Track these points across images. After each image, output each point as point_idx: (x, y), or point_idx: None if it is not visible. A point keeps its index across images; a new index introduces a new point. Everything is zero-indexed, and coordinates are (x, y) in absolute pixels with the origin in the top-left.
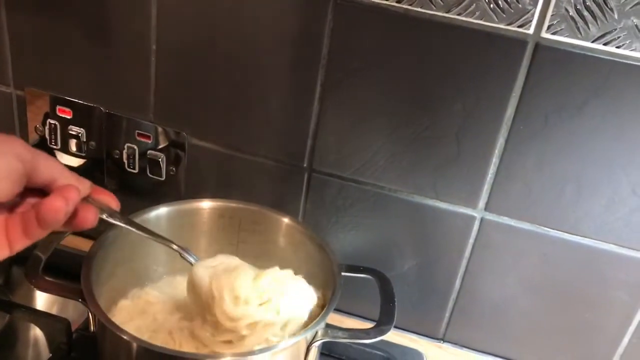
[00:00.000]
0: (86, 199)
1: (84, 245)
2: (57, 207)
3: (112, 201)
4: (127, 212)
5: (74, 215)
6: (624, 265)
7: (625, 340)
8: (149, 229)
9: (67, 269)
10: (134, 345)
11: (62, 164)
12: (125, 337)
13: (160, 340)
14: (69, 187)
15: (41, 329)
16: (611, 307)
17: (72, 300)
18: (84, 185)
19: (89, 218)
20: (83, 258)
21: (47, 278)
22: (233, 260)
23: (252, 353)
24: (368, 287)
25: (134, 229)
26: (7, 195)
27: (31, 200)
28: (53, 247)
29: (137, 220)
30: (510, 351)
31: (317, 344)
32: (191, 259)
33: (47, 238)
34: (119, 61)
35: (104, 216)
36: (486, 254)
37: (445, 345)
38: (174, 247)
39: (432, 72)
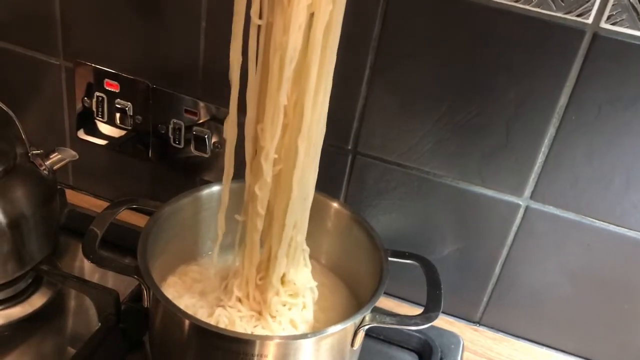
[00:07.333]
0: None
1: (137, 220)
2: None
3: None
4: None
5: None
6: None
7: None
8: None
9: (120, 243)
10: (188, 322)
11: None
12: (179, 315)
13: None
14: None
15: (91, 299)
16: None
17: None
18: None
19: None
20: (139, 234)
21: (103, 253)
22: None
23: (303, 337)
24: (408, 270)
25: None
26: None
27: None
28: (108, 222)
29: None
30: (546, 337)
31: (364, 328)
32: None
33: (102, 214)
34: (168, 37)
35: None
36: (529, 242)
37: (482, 329)
38: None
39: (486, 59)
